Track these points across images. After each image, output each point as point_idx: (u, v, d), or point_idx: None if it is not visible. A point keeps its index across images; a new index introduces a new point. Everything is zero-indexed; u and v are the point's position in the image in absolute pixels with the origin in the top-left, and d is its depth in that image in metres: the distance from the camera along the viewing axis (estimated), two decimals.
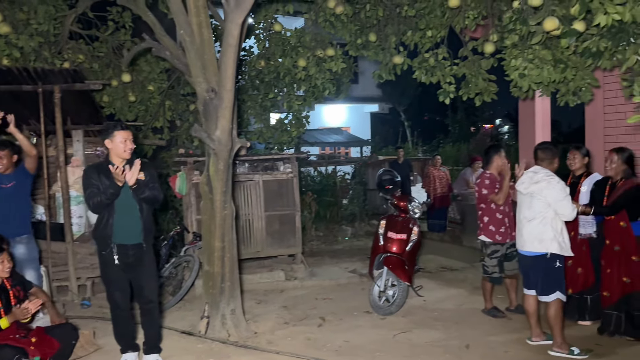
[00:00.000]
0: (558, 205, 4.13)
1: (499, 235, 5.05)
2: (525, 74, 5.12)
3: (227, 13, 4.00)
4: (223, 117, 4.21)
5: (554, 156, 4.35)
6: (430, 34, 6.00)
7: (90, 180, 3.72)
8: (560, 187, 4.16)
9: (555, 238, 4.14)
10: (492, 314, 5.14)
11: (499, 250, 5.08)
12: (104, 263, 3.81)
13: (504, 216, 5.08)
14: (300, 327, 4.95)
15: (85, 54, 6.97)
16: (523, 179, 4.36)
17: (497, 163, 5.12)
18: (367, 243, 9.67)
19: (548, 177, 4.19)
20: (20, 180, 4.79)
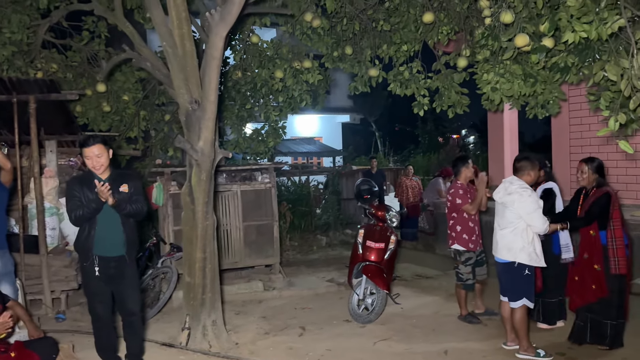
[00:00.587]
0: (528, 218, 4.22)
1: (471, 243, 5.27)
2: (497, 88, 5.33)
3: (211, 27, 4.04)
4: (206, 128, 4.24)
5: (533, 168, 4.43)
6: (406, 48, 6.17)
7: (72, 192, 3.68)
8: (531, 200, 4.25)
9: (525, 248, 4.24)
10: (468, 320, 5.29)
11: (472, 258, 5.29)
12: (85, 275, 3.77)
13: (474, 224, 5.32)
14: (281, 337, 4.98)
15: (58, 63, 6.87)
16: (499, 189, 4.50)
17: (465, 174, 5.36)
18: (342, 252, 9.78)
19: (521, 190, 4.29)
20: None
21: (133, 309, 3.89)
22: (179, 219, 6.36)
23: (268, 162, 8.61)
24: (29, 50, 6.47)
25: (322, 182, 14.19)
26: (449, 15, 5.97)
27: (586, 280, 4.50)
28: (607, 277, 4.38)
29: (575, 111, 8.10)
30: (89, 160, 3.67)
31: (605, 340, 4.45)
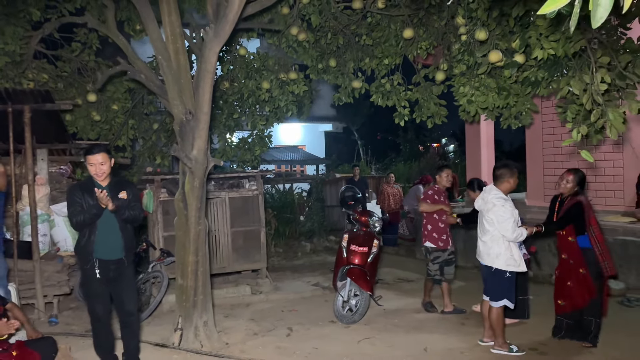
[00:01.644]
0: (500, 227, 4.45)
1: (441, 242, 5.81)
2: (473, 100, 5.67)
3: (205, 42, 4.28)
4: (200, 137, 4.47)
5: (511, 176, 4.62)
6: (387, 62, 6.48)
7: (74, 198, 3.86)
8: (504, 210, 4.44)
9: (501, 255, 4.48)
10: (427, 308, 5.94)
11: (440, 256, 5.82)
12: (86, 277, 3.94)
13: (445, 226, 5.85)
14: (269, 338, 5.19)
15: (49, 73, 7.04)
16: (479, 198, 4.78)
17: (439, 181, 5.99)
18: (326, 258, 10.02)
19: (495, 199, 4.51)
20: None
21: (131, 310, 4.08)
22: (168, 225, 6.56)
23: (253, 170, 8.84)
24: (21, 60, 6.62)
25: (306, 190, 14.45)
26: (427, 31, 6.32)
27: (578, 285, 4.73)
28: (593, 279, 4.66)
29: (547, 122, 8.51)
30: (92, 167, 3.84)
31: (589, 337, 4.73)
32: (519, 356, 4.56)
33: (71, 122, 7.41)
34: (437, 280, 5.89)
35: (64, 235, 6.56)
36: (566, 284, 4.84)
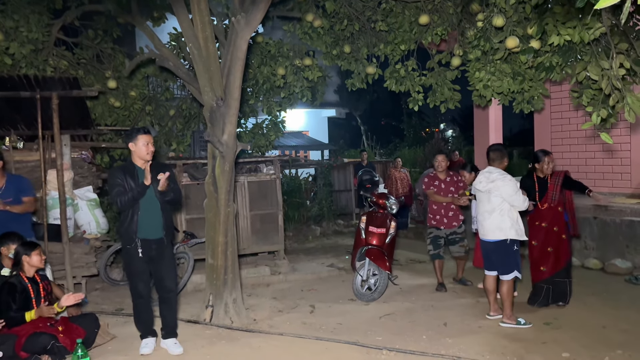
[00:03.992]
0: (511, 199, 4.81)
1: (434, 220, 6.24)
2: (489, 85, 5.84)
3: (237, 31, 4.43)
4: (230, 122, 4.64)
5: (504, 156, 5.06)
6: (403, 47, 6.61)
7: (116, 180, 4.05)
8: (512, 184, 4.86)
9: (513, 226, 4.84)
10: (438, 289, 6.14)
11: (432, 233, 6.25)
12: (129, 256, 4.14)
13: (439, 207, 6.22)
14: (294, 314, 5.42)
15: (69, 60, 7.16)
16: (480, 179, 5.03)
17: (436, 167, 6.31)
18: (337, 241, 10.24)
19: (501, 176, 4.87)
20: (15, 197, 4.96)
21: (171, 286, 4.29)
22: (191, 208, 6.76)
23: (263, 155, 9.00)
24: (44, 48, 6.74)
25: (312, 175, 14.62)
26: (442, 17, 6.45)
27: (559, 250, 5.29)
28: (569, 242, 5.38)
29: (556, 106, 8.68)
30: (144, 147, 4.05)
31: (566, 298, 5.34)
32: (527, 328, 4.81)
33: (90, 108, 7.55)
34: (434, 256, 6.24)
35: (88, 218, 6.74)
36: (546, 250, 5.32)
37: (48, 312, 3.99)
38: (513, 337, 4.61)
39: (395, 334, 4.74)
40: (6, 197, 4.90)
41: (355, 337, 4.63)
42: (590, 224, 7.11)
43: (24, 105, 5.96)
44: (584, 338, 4.53)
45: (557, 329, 4.83)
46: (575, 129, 8.44)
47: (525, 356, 4.20)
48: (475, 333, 4.77)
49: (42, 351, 3.73)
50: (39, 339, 3.73)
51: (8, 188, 4.98)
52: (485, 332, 4.80)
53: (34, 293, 3.99)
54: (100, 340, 4.36)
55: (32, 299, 3.97)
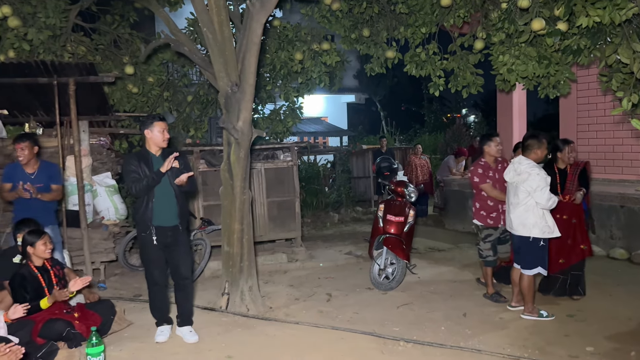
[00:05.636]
0: (535, 195, 4.52)
1: (490, 219, 5.25)
2: (513, 69, 5.62)
3: (252, 14, 4.32)
4: (245, 109, 4.56)
5: (540, 147, 4.68)
6: (424, 30, 6.42)
7: (131, 167, 4.03)
8: (539, 179, 4.52)
9: (537, 224, 4.59)
10: (494, 299, 5.25)
11: (492, 234, 5.27)
12: (144, 243, 4.13)
13: (495, 203, 5.23)
14: (310, 302, 5.37)
15: (87, 46, 7.15)
16: (509, 169, 4.82)
17: (488, 152, 5.33)
18: (355, 228, 10.17)
19: (530, 169, 4.57)
20: (46, 184, 5.00)
21: (186, 274, 4.28)
22: (208, 195, 6.74)
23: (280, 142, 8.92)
24: (61, 34, 6.73)
25: (330, 161, 14.52)
26: None
27: (577, 242, 5.17)
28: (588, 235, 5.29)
29: (582, 91, 8.39)
30: (160, 134, 4.07)
31: (579, 290, 5.22)
32: (550, 321, 4.68)
33: (109, 94, 7.54)
34: (490, 262, 5.29)
35: (107, 204, 6.78)
36: (566, 242, 5.14)
37: (61, 296, 3.99)
38: (534, 330, 4.49)
39: (412, 324, 4.66)
40: (37, 182, 4.95)
41: (372, 327, 4.56)
42: (617, 213, 6.88)
43: (43, 91, 5.98)
44: (608, 331, 4.38)
45: (581, 321, 4.69)
46: (602, 115, 8.15)
47: (547, 349, 4.08)
48: (495, 324, 4.66)
49: (57, 337, 3.75)
50: (54, 325, 3.75)
51: (40, 174, 5.02)
52: (506, 323, 4.69)
53: (45, 281, 4.00)
54: (116, 327, 4.37)
55: (43, 287, 3.98)
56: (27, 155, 4.91)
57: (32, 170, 4.97)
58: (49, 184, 5.02)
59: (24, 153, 4.89)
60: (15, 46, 6.11)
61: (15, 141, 4.95)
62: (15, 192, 4.81)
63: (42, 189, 4.94)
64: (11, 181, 4.90)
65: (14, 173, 4.91)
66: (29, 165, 4.95)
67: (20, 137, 5.01)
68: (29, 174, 4.93)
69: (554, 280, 5.26)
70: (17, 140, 4.94)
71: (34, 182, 4.89)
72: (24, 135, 5.08)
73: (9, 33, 6.12)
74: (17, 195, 4.81)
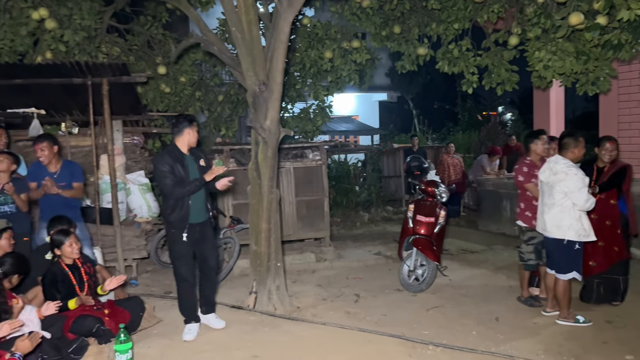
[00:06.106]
0: (573, 196, 4.34)
1: (535, 220, 4.88)
2: (549, 65, 5.44)
3: (279, 12, 4.31)
4: (273, 108, 4.55)
5: (577, 146, 4.48)
6: (457, 26, 6.28)
7: (166, 166, 4.11)
8: (577, 179, 4.32)
9: (573, 226, 4.40)
10: (529, 304, 5.05)
11: (535, 237, 4.94)
12: (175, 241, 4.23)
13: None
14: (338, 303, 5.32)
15: (121, 47, 7.29)
16: (544, 168, 4.62)
17: (534, 150, 5.02)
18: (385, 228, 10.06)
19: (567, 169, 4.37)
20: (69, 182, 5.11)
21: (213, 265, 4.47)
22: (238, 193, 6.77)
23: (310, 140, 8.89)
24: (96, 35, 6.88)
25: (361, 160, 14.43)
26: None
27: (610, 245, 4.89)
28: (624, 239, 4.94)
29: (624, 87, 8.04)
30: (191, 135, 4.21)
31: (618, 296, 4.97)
32: (587, 327, 4.49)
33: (142, 94, 7.68)
34: (531, 266, 5.01)
35: (140, 202, 6.90)
36: (597, 244, 4.83)
37: (88, 300, 4.07)
38: (570, 336, 4.32)
39: (442, 328, 4.54)
40: (60, 181, 5.06)
41: (401, 329, 4.47)
42: None
43: (78, 91, 6.12)
44: None
45: (620, 327, 4.49)
46: None
47: (583, 356, 3.93)
48: (529, 330, 4.50)
49: (88, 333, 3.82)
50: (85, 321, 3.82)
51: (62, 173, 5.13)
52: (540, 329, 4.52)
53: (75, 279, 4.09)
54: (145, 324, 4.43)
55: (74, 285, 4.07)
56: (48, 155, 5.00)
57: (55, 169, 5.08)
58: (71, 182, 5.12)
59: (44, 153, 4.98)
60: (52, 47, 6.29)
61: (34, 142, 5.07)
62: (41, 189, 4.92)
63: (65, 187, 5.04)
64: (36, 180, 5.02)
65: (39, 172, 5.03)
66: (52, 165, 5.06)
67: (39, 137, 5.12)
68: (52, 173, 5.04)
69: (590, 285, 5.03)
70: (36, 141, 5.06)
71: (57, 181, 5.00)
72: (43, 135, 5.19)
73: (46, 35, 6.30)
74: (43, 192, 4.92)
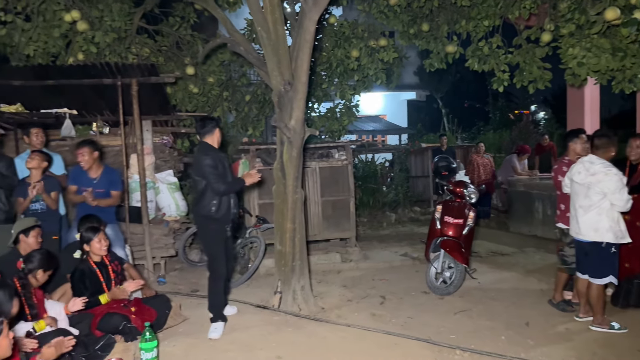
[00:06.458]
0: (614, 197, 4.20)
1: None
2: (584, 62, 5.26)
3: (304, 11, 4.28)
4: (297, 107, 4.52)
5: (610, 145, 4.36)
6: (487, 23, 6.15)
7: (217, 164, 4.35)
8: (617, 179, 4.20)
9: (611, 228, 4.26)
10: (561, 308, 4.90)
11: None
12: (218, 238, 4.42)
13: None
14: (363, 304, 5.26)
15: (150, 48, 7.40)
16: (579, 169, 4.44)
17: (574, 149, 4.86)
18: (412, 229, 9.93)
19: (605, 169, 4.24)
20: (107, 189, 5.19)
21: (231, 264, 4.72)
22: (263, 193, 6.78)
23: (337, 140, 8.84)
24: (126, 36, 7.00)
25: (388, 160, 14.29)
26: None
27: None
28: None
29: None
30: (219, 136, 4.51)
31: None
32: (622, 333, 4.32)
33: (171, 94, 7.78)
34: (574, 270, 4.73)
35: (168, 201, 6.98)
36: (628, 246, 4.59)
37: (121, 294, 4.12)
38: (604, 343, 4.17)
39: (470, 332, 4.44)
40: (99, 187, 5.14)
41: (427, 333, 4.38)
42: None
43: (108, 92, 6.23)
44: None
45: None
46: None
47: None
48: (560, 336, 4.36)
49: (114, 331, 3.87)
50: (111, 319, 3.87)
51: (102, 180, 5.19)
52: (572, 335, 4.38)
53: (103, 277, 4.15)
54: (172, 322, 4.46)
55: (101, 282, 4.13)
56: (88, 160, 5.07)
57: (95, 175, 5.15)
58: (110, 189, 5.20)
59: (84, 158, 5.06)
60: (83, 49, 6.42)
61: (76, 147, 5.17)
62: (81, 197, 5.03)
63: (102, 194, 5.12)
64: (76, 184, 5.11)
65: (79, 177, 5.12)
66: (92, 170, 5.13)
67: (80, 143, 5.19)
68: (92, 179, 5.12)
69: (629, 287, 4.85)
70: (77, 146, 5.15)
71: (96, 187, 5.09)
72: (84, 141, 5.25)
73: (78, 36, 6.43)
74: (82, 200, 5.04)
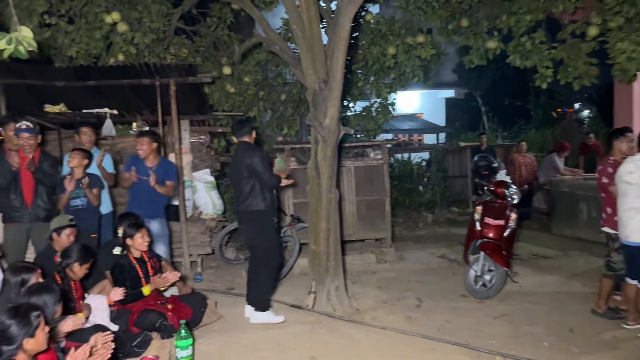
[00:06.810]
0: None
1: None
2: (633, 57, 5.01)
3: (340, 8, 4.23)
4: (332, 106, 4.47)
5: None
6: (529, 18, 5.94)
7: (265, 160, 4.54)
8: None
9: None
10: (610, 317, 4.64)
11: None
12: (270, 230, 4.57)
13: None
14: (398, 307, 5.16)
15: (188, 48, 7.50)
16: (630, 168, 4.24)
17: (619, 148, 4.60)
18: (449, 230, 9.71)
19: None
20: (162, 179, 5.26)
21: None
22: (298, 192, 6.77)
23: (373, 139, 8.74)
24: (165, 37, 7.11)
25: (425, 159, 14.07)
26: None
27: None
28: None
29: None
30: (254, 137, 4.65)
31: None
32: None
33: (208, 94, 7.86)
34: (622, 276, 4.49)
35: (205, 199, 7.06)
36: None
37: (162, 282, 4.18)
38: None
39: (510, 337, 4.28)
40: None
41: (465, 338, 4.25)
42: None
43: (147, 92, 6.34)
44: None
45: None
46: None
47: None
48: (607, 344, 4.16)
49: (151, 328, 3.92)
50: (148, 316, 3.92)
51: (158, 169, 5.29)
52: (620, 343, 4.17)
53: (142, 272, 4.21)
54: (207, 320, 4.49)
55: (141, 277, 4.19)
56: (146, 149, 5.20)
57: (152, 164, 5.26)
58: (165, 179, 5.29)
59: (143, 147, 5.19)
60: (123, 50, 6.56)
61: (137, 136, 5.38)
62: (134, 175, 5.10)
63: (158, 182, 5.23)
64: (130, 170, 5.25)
65: (136, 165, 5.22)
66: (149, 160, 5.25)
67: (141, 132, 5.41)
68: (149, 168, 5.24)
69: None
70: (138, 135, 5.35)
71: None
72: (145, 131, 5.51)
73: (118, 38, 6.58)
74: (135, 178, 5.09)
